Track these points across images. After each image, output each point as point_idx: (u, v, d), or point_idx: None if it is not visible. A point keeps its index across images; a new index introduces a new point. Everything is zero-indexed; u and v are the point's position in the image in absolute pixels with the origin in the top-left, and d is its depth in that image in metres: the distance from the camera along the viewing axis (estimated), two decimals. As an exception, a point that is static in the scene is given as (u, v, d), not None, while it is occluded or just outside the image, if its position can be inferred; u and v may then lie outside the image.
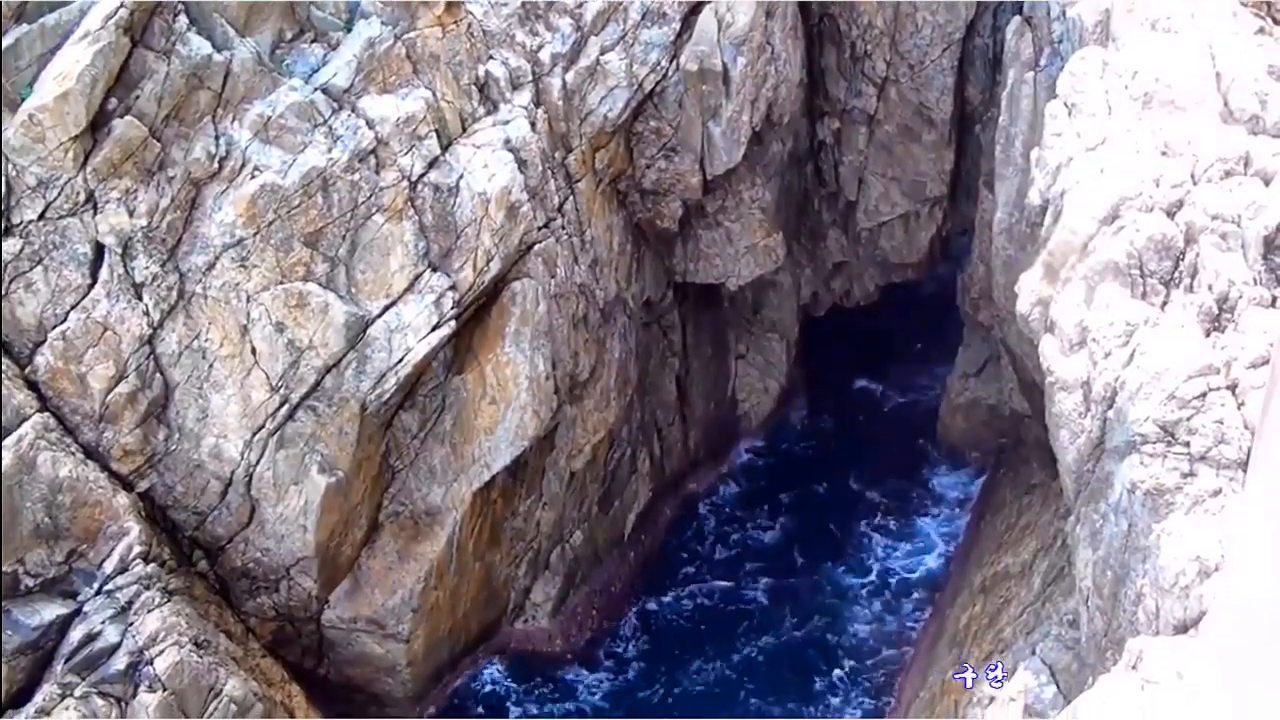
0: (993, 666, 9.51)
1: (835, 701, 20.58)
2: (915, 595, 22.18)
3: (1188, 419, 11.88)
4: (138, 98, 16.50)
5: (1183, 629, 10.98)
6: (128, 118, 16.39)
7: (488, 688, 20.87)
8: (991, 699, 15.14)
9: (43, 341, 16.63)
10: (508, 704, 20.62)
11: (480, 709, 20.52)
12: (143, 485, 17.27)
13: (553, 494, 21.20)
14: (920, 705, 18.55)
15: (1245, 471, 11.37)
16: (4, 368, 16.27)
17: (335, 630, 18.57)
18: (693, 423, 24.89)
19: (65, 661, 15.67)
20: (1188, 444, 11.82)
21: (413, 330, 17.81)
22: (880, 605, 22.15)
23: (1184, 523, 11.44)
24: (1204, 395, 11.96)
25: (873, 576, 22.68)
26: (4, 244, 16.19)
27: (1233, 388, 12.00)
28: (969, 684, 9.58)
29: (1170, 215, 13.62)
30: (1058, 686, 13.99)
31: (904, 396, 26.65)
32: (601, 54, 19.95)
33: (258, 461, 17.53)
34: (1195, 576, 11.00)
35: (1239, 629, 10.17)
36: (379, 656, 18.60)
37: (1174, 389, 12.03)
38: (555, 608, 21.70)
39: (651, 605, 22.56)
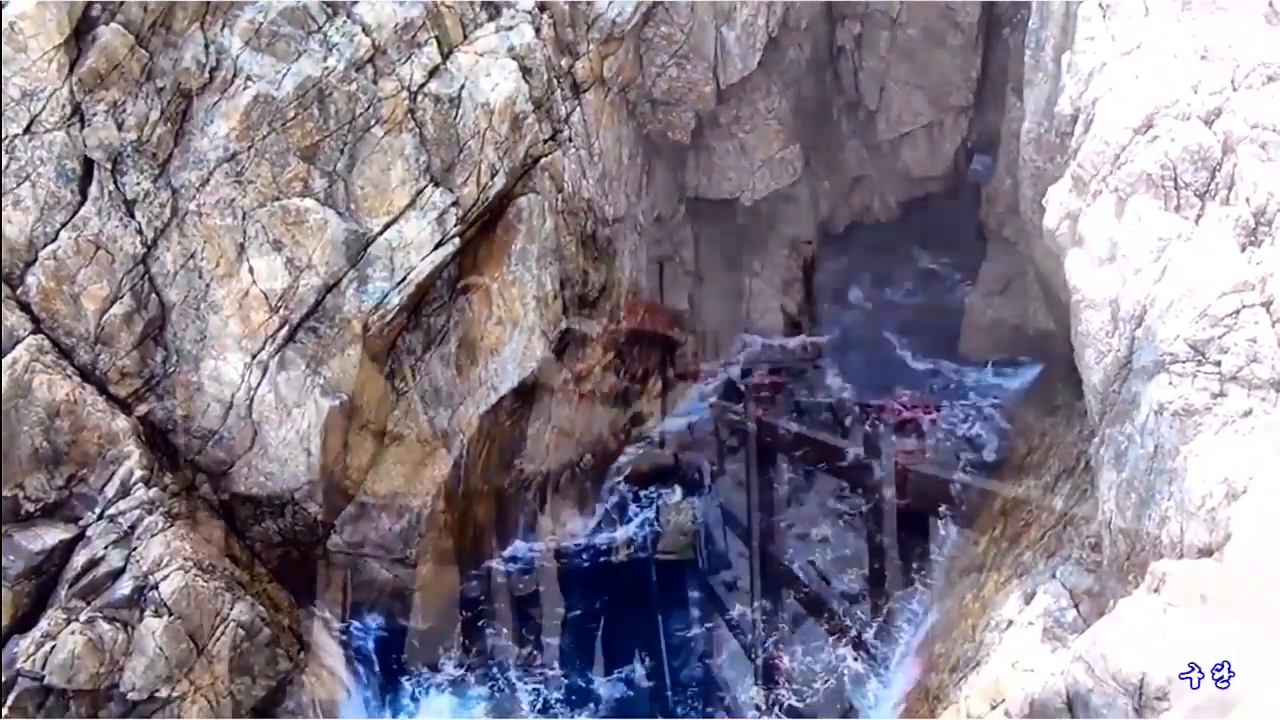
0: (1219, 666, 9.18)
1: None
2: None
3: (1219, 337, 11.51)
4: (122, 3, 15.88)
5: (1207, 552, 10.68)
6: (112, 25, 15.82)
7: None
8: (1009, 623, 14.95)
9: (33, 261, 16.24)
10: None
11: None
12: (142, 409, 16.99)
13: (562, 416, 20.85)
14: (937, 628, 18.37)
15: (1278, 391, 10.99)
16: (-2, 289, 15.94)
17: (342, 555, 18.39)
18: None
19: (69, 586, 15.58)
20: (1218, 363, 11.47)
21: (415, 248, 17.35)
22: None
23: (1212, 444, 11.11)
24: (1237, 313, 11.59)
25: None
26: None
27: (1267, 305, 11.59)
28: (1194, 685, 9.28)
29: (1208, 124, 13.14)
30: (1078, 610, 13.78)
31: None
32: (609, -46, 19.21)
33: (258, 384, 17.19)
34: (1222, 499, 10.73)
35: (1266, 553, 9.85)
36: (387, 581, 18.45)
37: (1206, 306, 11.65)
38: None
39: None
